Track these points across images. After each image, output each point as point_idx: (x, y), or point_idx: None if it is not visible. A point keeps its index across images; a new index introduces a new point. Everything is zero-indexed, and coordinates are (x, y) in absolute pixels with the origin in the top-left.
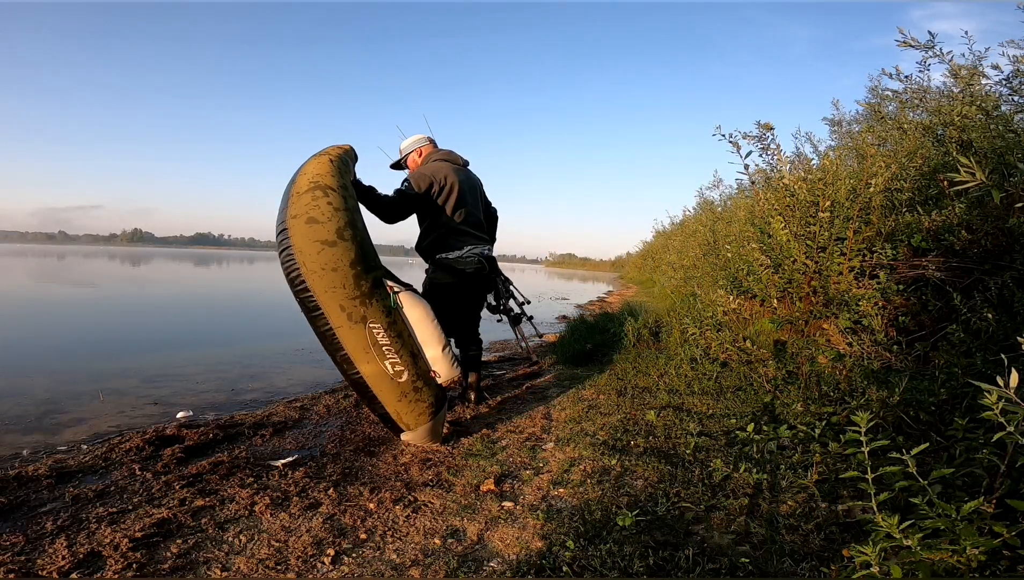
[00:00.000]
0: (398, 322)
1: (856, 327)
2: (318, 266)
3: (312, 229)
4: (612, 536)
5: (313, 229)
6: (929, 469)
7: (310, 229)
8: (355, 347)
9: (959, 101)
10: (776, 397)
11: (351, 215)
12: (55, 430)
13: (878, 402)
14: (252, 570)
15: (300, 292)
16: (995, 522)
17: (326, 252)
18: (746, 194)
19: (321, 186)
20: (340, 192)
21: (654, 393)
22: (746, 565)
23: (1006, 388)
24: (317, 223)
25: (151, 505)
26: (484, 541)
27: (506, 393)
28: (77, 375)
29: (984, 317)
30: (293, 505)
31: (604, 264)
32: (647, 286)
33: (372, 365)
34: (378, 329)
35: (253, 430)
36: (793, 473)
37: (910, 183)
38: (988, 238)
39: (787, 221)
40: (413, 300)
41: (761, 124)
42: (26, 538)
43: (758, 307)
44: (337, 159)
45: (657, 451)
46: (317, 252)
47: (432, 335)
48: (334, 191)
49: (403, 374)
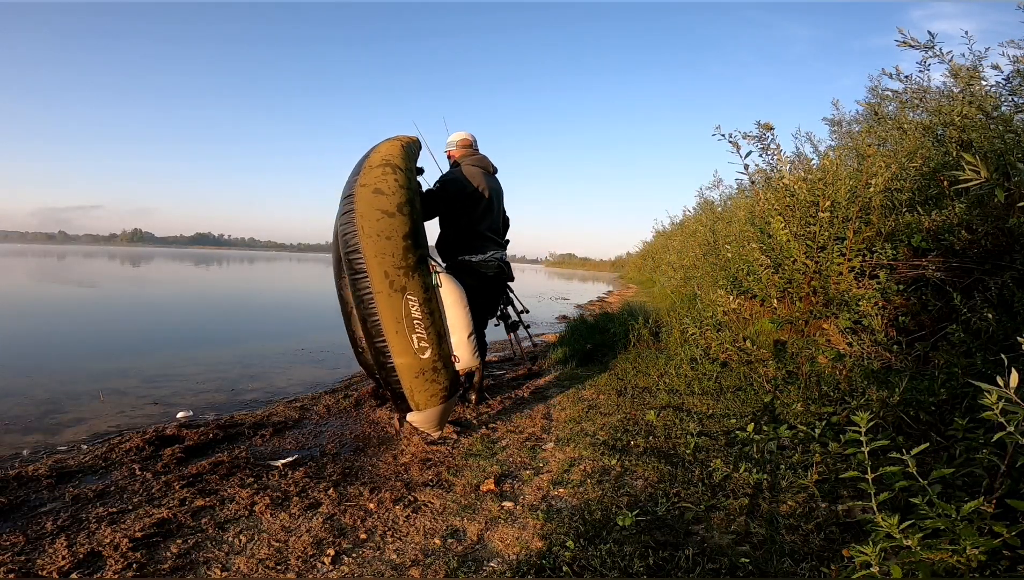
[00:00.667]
0: (433, 300)
1: (856, 327)
2: (375, 232)
3: (377, 198)
4: (612, 536)
5: (378, 199)
6: (929, 469)
7: (375, 198)
8: (388, 315)
9: (959, 101)
10: (776, 397)
11: (412, 194)
12: (55, 430)
13: (878, 402)
14: (252, 570)
15: (350, 253)
16: (995, 522)
17: (384, 221)
18: (746, 194)
19: (391, 164)
20: (406, 173)
21: (654, 393)
22: (746, 565)
23: (1006, 388)
24: (383, 194)
25: (151, 505)
26: (484, 541)
27: (506, 393)
28: (77, 375)
29: (984, 317)
30: (293, 505)
31: (604, 264)
32: (647, 286)
33: (400, 336)
34: (414, 302)
35: (253, 430)
36: (793, 473)
37: (910, 183)
38: (988, 238)
39: (787, 221)
40: (451, 284)
41: (761, 124)
42: (26, 538)
43: (758, 307)
44: (407, 146)
45: (657, 451)
46: (376, 219)
47: (461, 320)
48: (401, 171)
49: (427, 351)
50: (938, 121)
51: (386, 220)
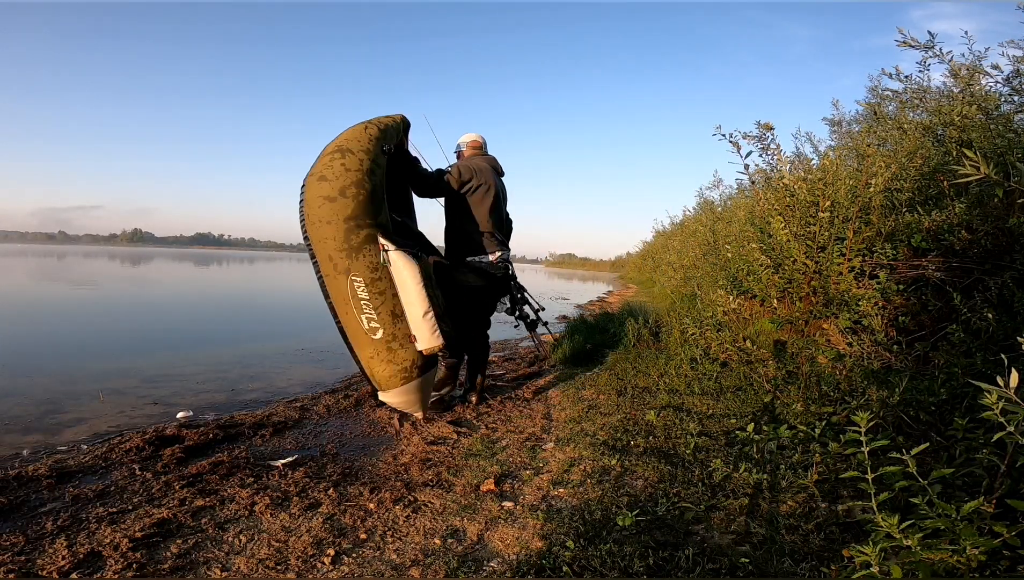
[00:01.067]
0: (383, 280)
1: (856, 327)
2: (317, 218)
3: (320, 185)
4: (612, 536)
5: (321, 185)
6: (929, 469)
7: (319, 185)
8: (337, 297)
9: (959, 101)
10: (776, 397)
11: (361, 175)
12: (55, 430)
13: (878, 402)
14: (252, 570)
15: (305, 240)
16: (995, 522)
17: (326, 206)
18: (746, 194)
19: (342, 149)
20: (360, 155)
21: (654, 393)
22: (746, 565)
23: (1006, 388)
24: (325, 181)
25: (151, 505)
26: (484, 541)
27: (506, 393)
28: (77, 375)
29: (984, 317)
30: (293, 505)
31: (604, 264)
32: (647, 286)
33: (350, 316)
34: (359, 282)
35: (253, 430)
36: (793, 473)
37: (910, 183)
38: (988, 238)
39: (787, 221)
40: (404, 261)
41: (761, 124)
42: (26, 538)
43: (758, 307)
44: (374, 127)
45: (657, 451)
46: (319, 206)
47: (415, 298)
48: (352, 154)
49: (378, 331)
50: (938, 121)
51: (327, 205)
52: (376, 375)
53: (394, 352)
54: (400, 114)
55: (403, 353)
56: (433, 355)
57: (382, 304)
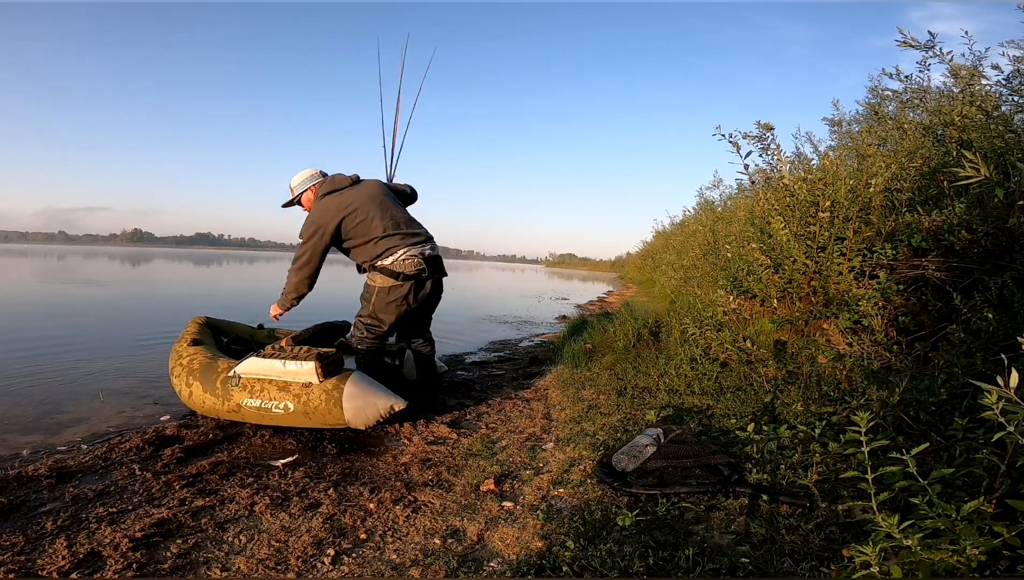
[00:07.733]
0: (256, 385)
1: (856, 327)
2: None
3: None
4: (612, 536)
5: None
6: (929, 469)
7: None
8: (253, 417)
9: (959, 101)
10: (776, 397)
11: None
12: (55, 430)
13: (878, 402)
14: (252, 570)
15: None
16: (995, 522)
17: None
18: (746, 194)
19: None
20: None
21: (654, 393)
22: (746, 565)
23: (1006, 388)
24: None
25: (151, 505)
26: (484, 541)
27: (506, 393)
28: (77, 375)
29: (984, 317)
30: (293, 505)
31: (604, 264)
32: (647, 286)
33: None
34: (251, 400)
35: (253, 430)
36: (793, 473)
37: (910, 183)
38: (988, 238)
39: (787, 221)
40: (247, 366)
41: (761, 124)
42: (26, 538)
43: (758, 307)
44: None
45: None
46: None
47: (266, 367)
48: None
49: (289, 408)
50: (938, 121)
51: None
52: (327, 420)
53: (311, 402)
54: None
55: (312, 393)
56: (329, 357)
57: (262, 391)
